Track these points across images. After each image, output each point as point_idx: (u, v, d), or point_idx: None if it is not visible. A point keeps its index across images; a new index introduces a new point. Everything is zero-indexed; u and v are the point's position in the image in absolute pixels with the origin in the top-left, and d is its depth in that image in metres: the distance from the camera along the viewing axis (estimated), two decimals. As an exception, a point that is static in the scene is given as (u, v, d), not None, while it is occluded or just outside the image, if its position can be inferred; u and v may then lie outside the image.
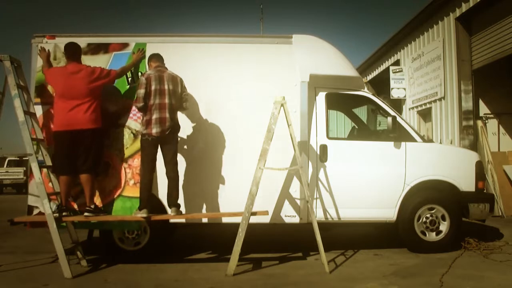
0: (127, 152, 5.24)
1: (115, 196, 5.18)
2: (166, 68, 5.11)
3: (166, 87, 4.91)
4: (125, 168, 5.21)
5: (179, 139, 5.15)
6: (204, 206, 5.38)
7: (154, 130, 4.83)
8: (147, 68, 5.27)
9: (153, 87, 4.87)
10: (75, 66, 4.95)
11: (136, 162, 5.17)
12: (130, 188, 5.18)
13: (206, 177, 5.38)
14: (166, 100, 4.89)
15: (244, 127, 5.42)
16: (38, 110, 5.22)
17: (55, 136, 4.96)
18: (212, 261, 5.48)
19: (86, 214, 4.93)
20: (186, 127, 5.35)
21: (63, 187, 4.92)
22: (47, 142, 5.14)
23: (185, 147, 5.40)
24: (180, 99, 5.04)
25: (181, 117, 5.28)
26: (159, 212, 5.15)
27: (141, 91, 4.85)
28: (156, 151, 4.97)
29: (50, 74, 5.03)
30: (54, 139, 5.00)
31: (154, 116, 4.85)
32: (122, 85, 5.33)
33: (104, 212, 5.07)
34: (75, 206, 5.15)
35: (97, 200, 5.12)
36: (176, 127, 5.03)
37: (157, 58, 5.14)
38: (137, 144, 5.15)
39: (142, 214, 4.85)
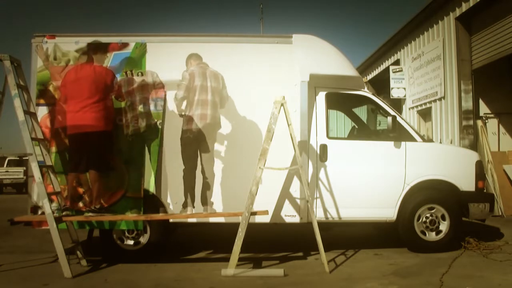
0: (129, 154, 5.24)
1: (119, 197, 5.18)
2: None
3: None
4: (128, 170, 5.21)
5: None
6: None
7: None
8: (146, 68, 5.30)
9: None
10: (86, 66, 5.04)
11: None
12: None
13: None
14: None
15: (244, 127, 5.41)
16: (43, 111, 5.27)
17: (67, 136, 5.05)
18: (212, 261, 5.47)
19: (86, 214, 4.93)
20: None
21: (68, 186, 4.96)
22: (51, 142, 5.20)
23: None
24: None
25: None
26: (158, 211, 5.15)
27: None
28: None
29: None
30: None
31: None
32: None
33: (109, 212, 5.07)
34: (80, 206, 5.16)
35: (101, 201, 5.13)
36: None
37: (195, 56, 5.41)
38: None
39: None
